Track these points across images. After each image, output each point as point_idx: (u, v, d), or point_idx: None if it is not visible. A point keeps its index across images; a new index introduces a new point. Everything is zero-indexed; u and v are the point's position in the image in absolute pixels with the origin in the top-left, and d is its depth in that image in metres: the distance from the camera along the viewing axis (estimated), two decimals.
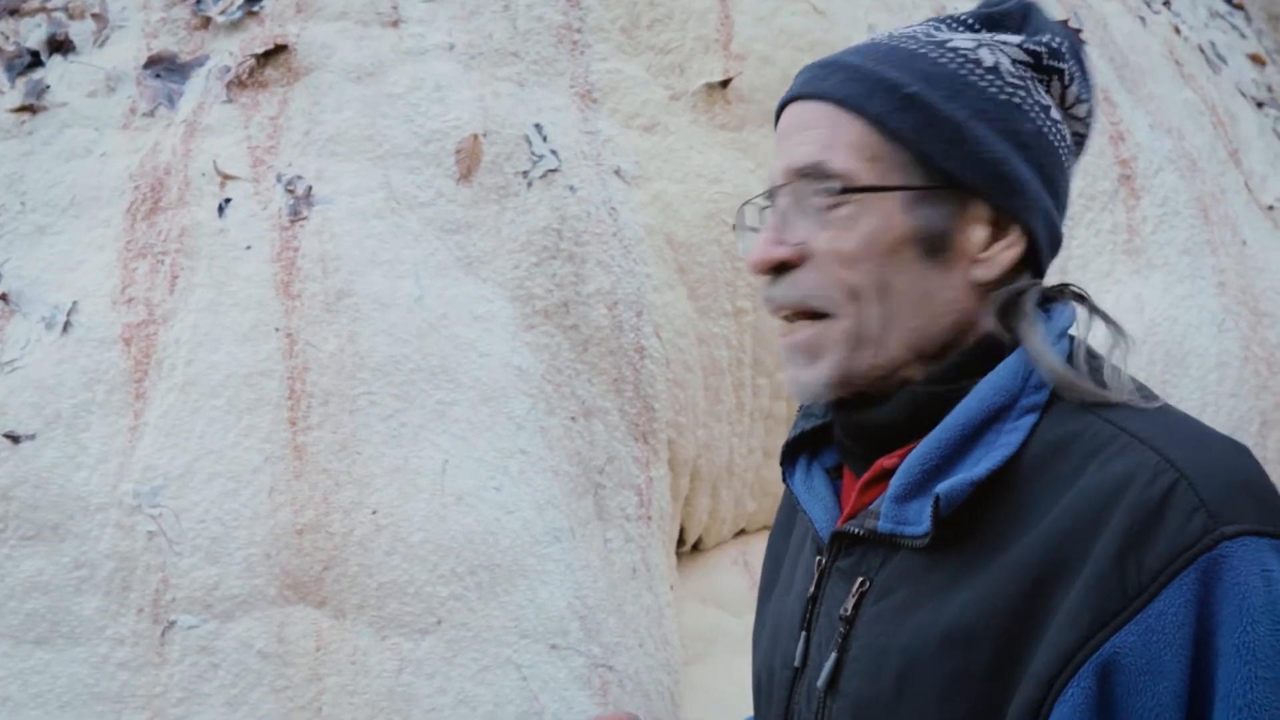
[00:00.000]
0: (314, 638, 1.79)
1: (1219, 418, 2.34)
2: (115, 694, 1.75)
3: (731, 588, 2.36)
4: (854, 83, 0.95)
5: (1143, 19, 2.89)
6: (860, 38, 2.48)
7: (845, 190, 0.93)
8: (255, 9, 2.27)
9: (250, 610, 1.79)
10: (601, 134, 2.29)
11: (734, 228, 1.08)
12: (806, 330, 0.96)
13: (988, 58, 0.95)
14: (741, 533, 2.45)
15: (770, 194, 0.98)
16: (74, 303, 1.95)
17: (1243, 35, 3.49)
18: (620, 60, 2.36)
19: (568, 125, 2.26)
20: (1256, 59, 3.44)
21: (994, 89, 0.95)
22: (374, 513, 1.85)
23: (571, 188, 2.19)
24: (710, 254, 2.28)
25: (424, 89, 2.20)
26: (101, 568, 1.80)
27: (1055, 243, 0.99)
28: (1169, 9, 3.09)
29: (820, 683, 0.95)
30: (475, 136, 2.17)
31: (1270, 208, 2.72)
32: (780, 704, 1.01)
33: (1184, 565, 0.78)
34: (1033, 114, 0.95)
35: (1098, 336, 0.95)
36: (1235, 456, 0.85)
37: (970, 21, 0.99)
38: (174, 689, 1.75)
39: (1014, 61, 0.96)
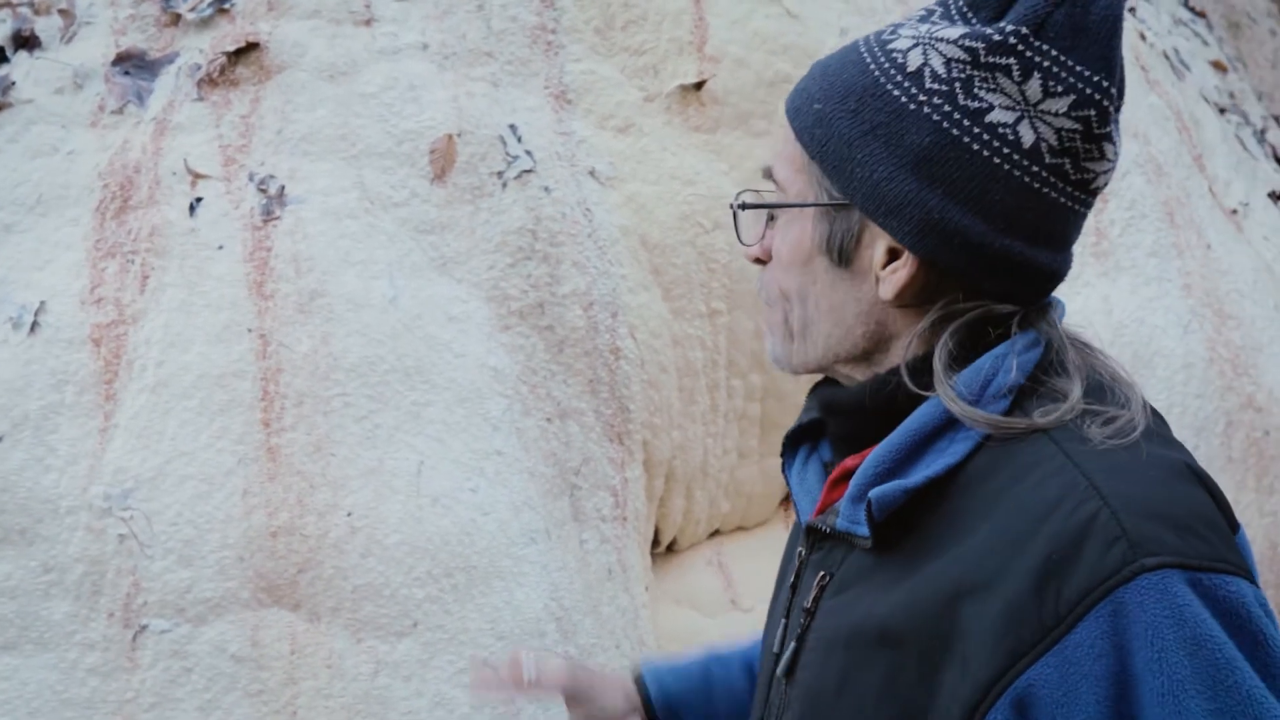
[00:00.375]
0: (289, 641, 1.77)
1: (1185, 418, 2.38)
2: (85, 700, 1.72)
3: (706, 589, 2.36)
4: (798, 94, 0.97)
5: None
6: (833, 41, 2.50)
7: (751, 206, 1.01)
8: (226, 6, 2.25)
9: (224, 614, 1.77)
10: (576, 135, 2.28)
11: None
12: (768, 312, 1.04)
13: (915, 60, 0.90)
14: (715, 534, 2.46)
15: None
16: (41, 302, 1.92)
17: (1205, 42, 3.55)
18: (594, 61, 2.36)
19: (542, 126, 2.25)
20: (1218, 65, 3.49)
21: (905, 98, 0.90)
22: (349, 515, 1.84)
23: (546, 188, 2.19)
24: (685, 255, 2.29)
25: (398, 88, 2.19)
26: (71, 571, 1.77)
27: (991, 262, 0.90)
28: (1134, 15, 3.13)
29: (779, 670, 0.98)
30: (449, 137, 2.16)
31: (1233, 212, 2.76)
32: (764, 687, 1.05)
33: (1101, 597, 0.77)
34: (946, 123, 0.89)
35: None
36: (1168, 483, 0.83)
37: (961, 3, 0.92)
38: (146, 694, 1.72)
39: (948, 61, 0.89)
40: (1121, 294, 2.45)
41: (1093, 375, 0.91)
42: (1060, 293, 0.99)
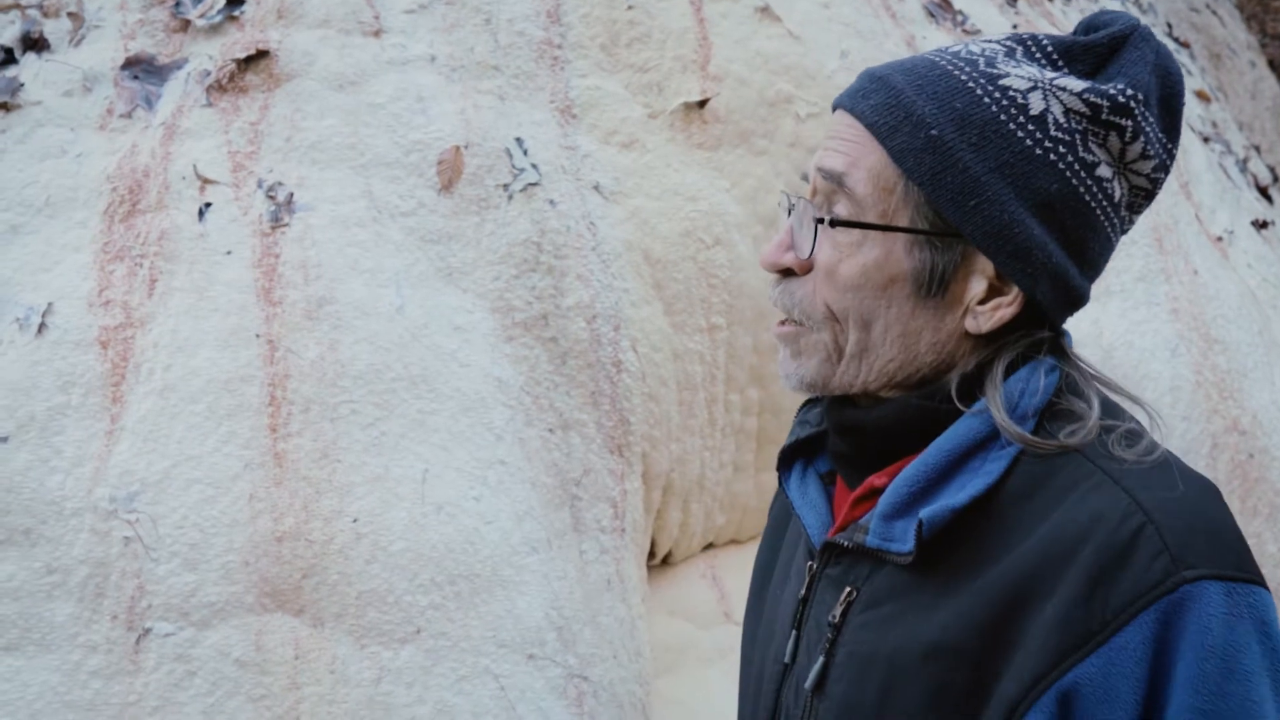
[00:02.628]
0: (292, 646, 1.78)
1: (1171, 440, 2.42)
2: (88, 702, 1.72)
3: (700, 601, 2.39)
4: (888, 110, 0.94)
5: None
6: (834, 63, 2.54)
7: (848, 224, 0.95)
8: (235, 13, 2.26)
9: (228, 618, 1.77)
10: (581, 149, 2.31)
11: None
12: (792, 328, 1.00)
13: (1036, 104, 0.91)
14: (710, 546, 2.48)
15: (799, 194, 1.01)
16: (49, 304, 1.92)
17: (1188, 72, 3.62)
18: (600, 77, 2.39)
19: (548, 140, 2.28)
20: (1202, 95, 3.57)
21: (1030, 141, 0.91)
22: (354, 521, 1.85)
23: (551, 201, 2.21)
24: (686, 270, 2.32)
25: (406, 99, 2.21)
26: (75, 573, 1.77)
27: (1071, 301, 0.96)
28: None
29: (808, 684, 0.99)
30: (457, 148, 2.18)
31: (1219, 239, 2.82)
32: (769, 697, 1.06)
33: (1145, 605, 0.83)
34: (1069, 173, 0.92)
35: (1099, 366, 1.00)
36: (1200, 499, 0.89)
37: (1049, 48, 0.95)
38: (149, 697, 1.72)
39: (1067, 111, 0.92)
40: (1111, 317, 2.50)
41: (1104, 395, 0.95)
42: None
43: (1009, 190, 0.91)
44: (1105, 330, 2.46)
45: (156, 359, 1.89)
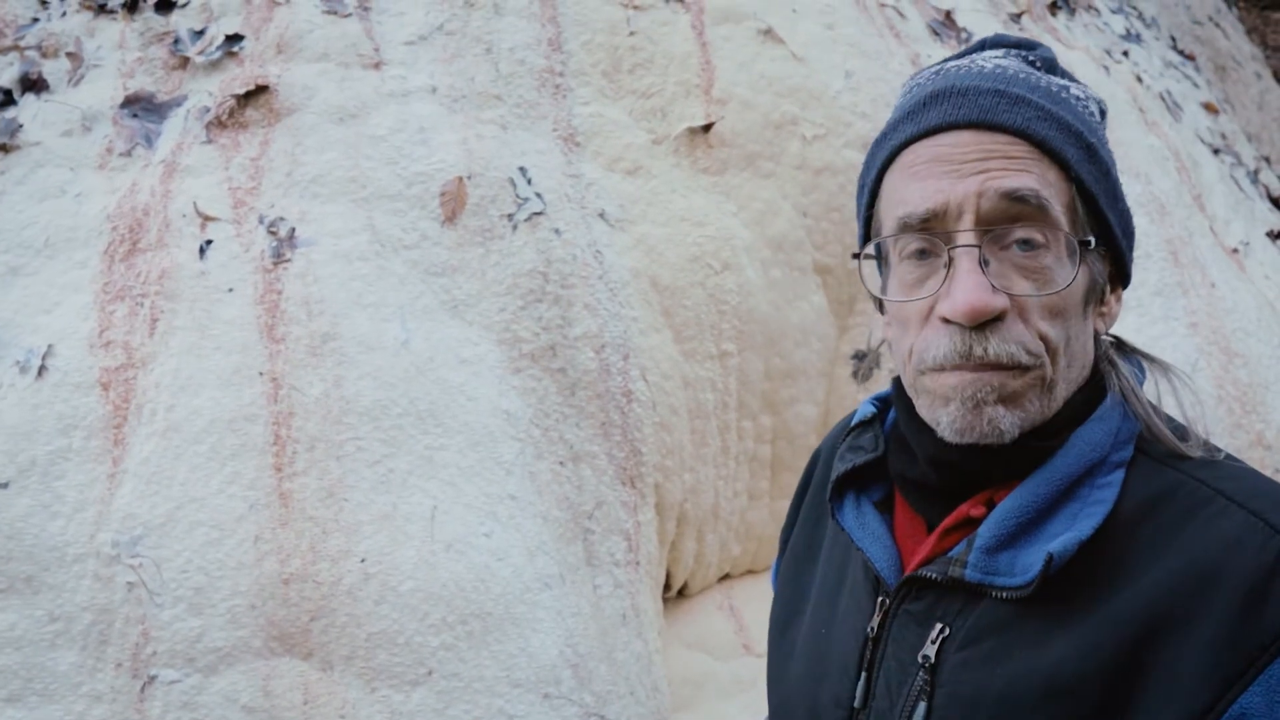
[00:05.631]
0: (301, 690, 1.74)
1: None
2: None
3: (717, 633, 2.33)
4: (1046, 123, 0.90)
5: (1106, 68, 2.96)
6: (838, 84, 2.51)
7: (1085, 244, 0.89)
8: (235, 49, 2.24)
9: (235, 663, 1.73)
10: (585, 177, 2.28)
11: (868, 256, 0.95)
12: (995, 376, 0.90)
13: (1093, 106, 0.96)
14: (726, 577, 2.43)
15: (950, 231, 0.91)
16: (49, 346, 1.89)
17: (1195, 85, 3.59)
18: (602, 104, 2.37)
19: (551, 168, 2.25)
20: (1209, 107, 3.54)
21: (1105, 137, 0.97)
22: (362, 561, 1.80)
23: (556, 230, 2.18)
24: (695, 297, 2.28)
25: (407, 131, 2.19)
26: (78, 621, 1.73)
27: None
28: (1128, 59, 3.17)
29: None
30: (459, 179, 2.16)
31: (1235, 251, 2.78)
32: None
33: None
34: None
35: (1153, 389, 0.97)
36: None
37: (1035, 65, 0.97)
38: None
39: (1102, 112, 0.98)
40: (1128, 333, 2.45)
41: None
42: None
43: (1117, 183, 0.95)
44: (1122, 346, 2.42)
45: (159, 399, 1.86)
